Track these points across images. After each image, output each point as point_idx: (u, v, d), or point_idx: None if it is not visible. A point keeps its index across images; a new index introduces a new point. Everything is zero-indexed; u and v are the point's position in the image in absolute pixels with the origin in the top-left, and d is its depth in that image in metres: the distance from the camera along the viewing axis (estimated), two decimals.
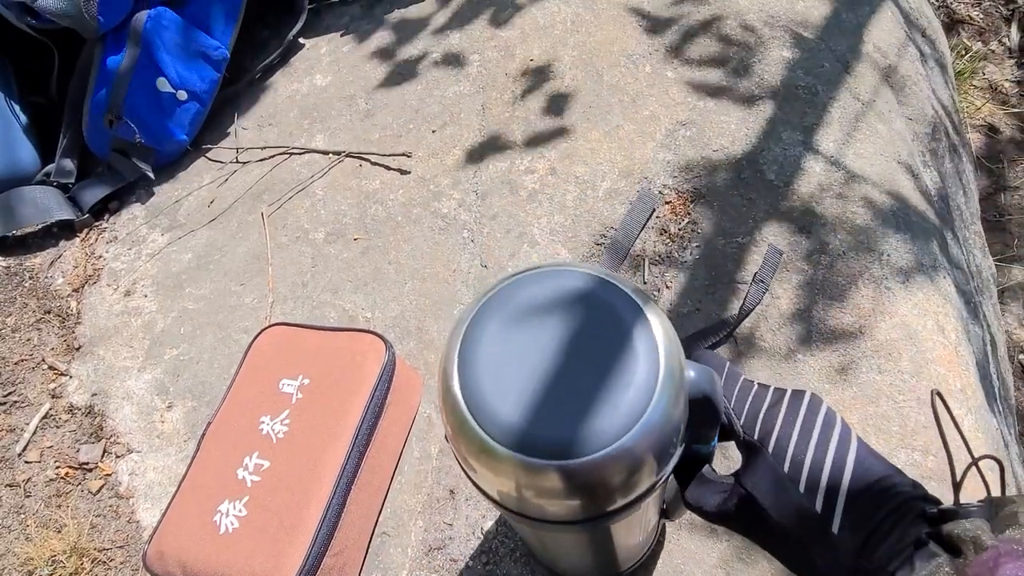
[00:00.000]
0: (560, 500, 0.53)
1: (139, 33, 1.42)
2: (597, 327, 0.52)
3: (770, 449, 0.53)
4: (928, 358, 1.00)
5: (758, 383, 0.58)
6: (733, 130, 1.26)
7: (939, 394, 0.51)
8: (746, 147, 1.24)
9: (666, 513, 0.86)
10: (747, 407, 0.56)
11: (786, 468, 0.51)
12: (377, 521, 1.01)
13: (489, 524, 0.99)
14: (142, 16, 1.42)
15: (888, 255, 1.10)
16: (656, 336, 0.51)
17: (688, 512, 0.95)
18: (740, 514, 0.55)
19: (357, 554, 0.97)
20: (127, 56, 1.42)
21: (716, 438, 0.63)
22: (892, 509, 0.46)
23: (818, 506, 0.48)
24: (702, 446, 0.62)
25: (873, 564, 0.45)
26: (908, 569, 0.43)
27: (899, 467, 0.50)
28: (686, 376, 0.53)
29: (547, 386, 0.50)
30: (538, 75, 1.41)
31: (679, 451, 0.56)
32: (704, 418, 0.56)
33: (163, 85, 1.47)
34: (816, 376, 1.02)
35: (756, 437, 0.54)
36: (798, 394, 0.55)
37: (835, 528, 0.47)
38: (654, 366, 0.50)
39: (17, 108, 1.51)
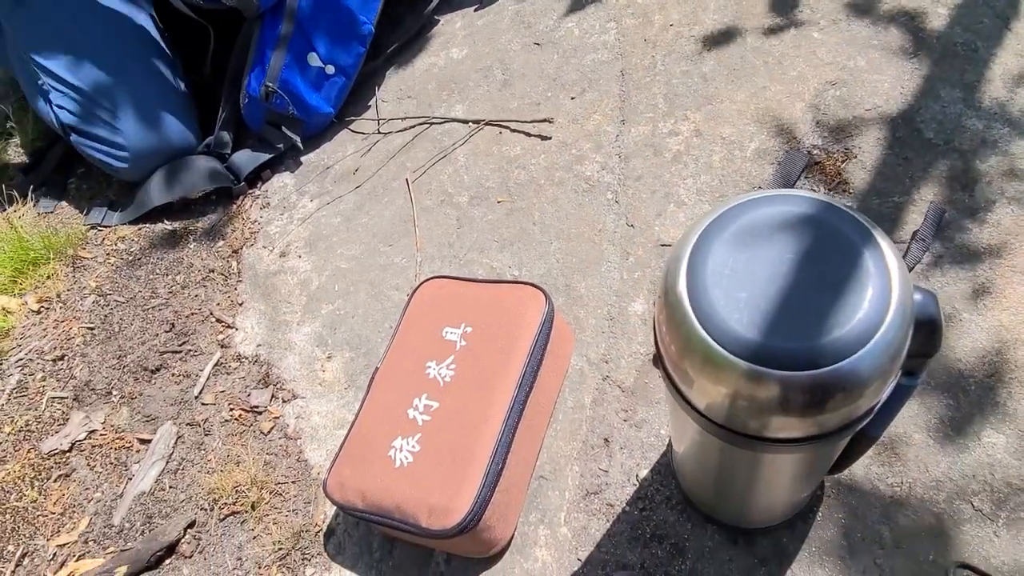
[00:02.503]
0: (775, 415, 0.55)
1: (294, 11, 1.51)
2: (826, 247, 0.53)
3: None
4: None
5: None
6: (887, 89, 1.23)
7: None
8: (901, 106, 1.21)
9: (834, 465, 0.86)
10: None
11: None
12: (535, 465, 1.06)
13: (644, 472, 1.02)
14: None
15: None
16: (887, 257, 0.53)
17: (848, 469, 0.95)
18: None
19: (520, 494, 1.01)
20: (283, 33, 1.52)
21: (924, 371, 0.63)
22: None
23: None
24: (910, 378, 0.63)
25: None
26: None
27: None
28: (914, 298, 0.54)
29: (778, 300, 0.52)
30: (678, 40, 1.42)
31: (897, 377, 0.57)
32: (925, 342, 0.56)
33: (314, 60, 1.55)
34: (984, 336, 0.99)
35: None
36: None
37: None
38: (886, 287, 0.52)
39: (183, 86, 1.63)
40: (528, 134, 1.42)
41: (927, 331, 0.55)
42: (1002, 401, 0.95)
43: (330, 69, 1.57)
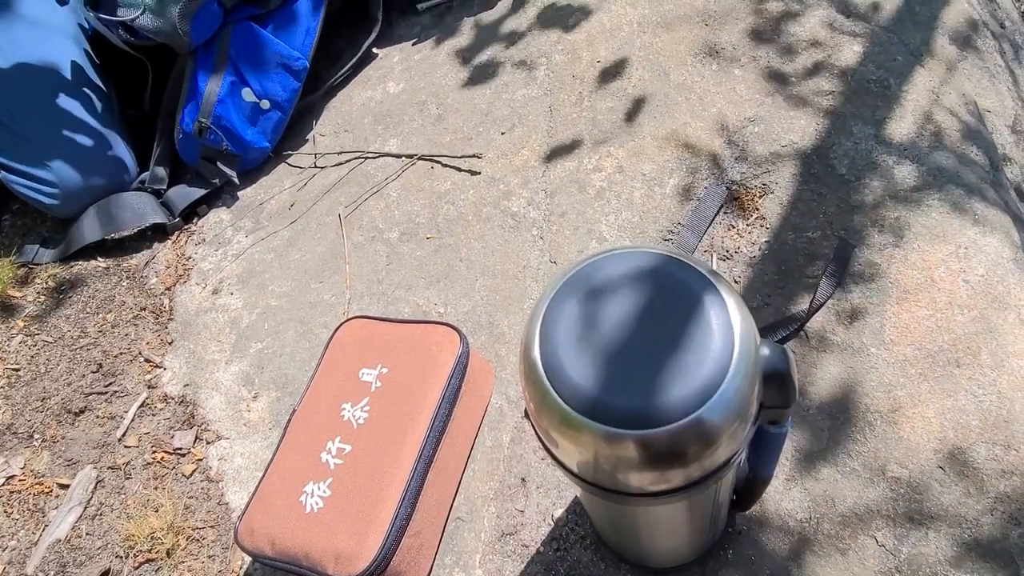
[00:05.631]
0: (637, 471, 0.55)
1: (227, 47, 1.51)
2: (673, 304, 0.54)
3: None
4: (1009, 352, 0.98)
5: None
6: (802, 125, 1.26)
7: None
8: (816, 142, 1.23)
9: (737, 504, 0.87)
10: None
11: None
12: (451, 506, 1.05)
13: (560, 512, 1.02)
14: (229, 31, 1.51)
15: (966, 248, 1.08)
16: (730, 312, 0.53)
17: (760, 504, 0.96)
18: None
19: (433, 537, 1.00)
20: (216, 68, 1.52)
21: (790, 420, 0.64)
22: None
23: None
24: (775, 427, 0.64)
25: None
26: None
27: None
28: (760, 353, 0.55)
29: (625, 359, 0.53)
30: (605, 76, 1.44)
31: (753, 428, 0.57)
32: (778, 396, 0.57)
33: (248, 95, 1.55)
34: (890, 371, 1.01)
35: None
36: None
37: None
38: (729, 341, 0.52)
39: (118, 121, 1.62)
40: (459, 169, 1.43)
41: (777, 384, 0.56)
42: (906, 435, 0.96)
43: (265, 104, 1.57)
